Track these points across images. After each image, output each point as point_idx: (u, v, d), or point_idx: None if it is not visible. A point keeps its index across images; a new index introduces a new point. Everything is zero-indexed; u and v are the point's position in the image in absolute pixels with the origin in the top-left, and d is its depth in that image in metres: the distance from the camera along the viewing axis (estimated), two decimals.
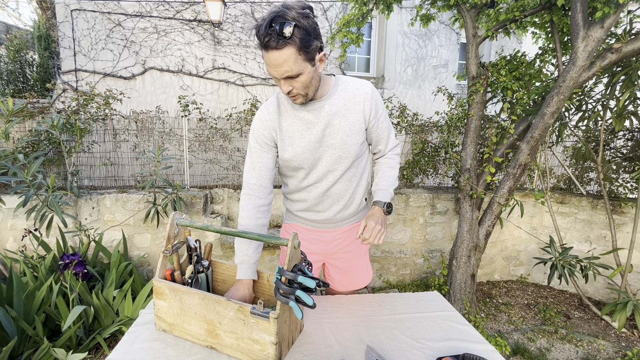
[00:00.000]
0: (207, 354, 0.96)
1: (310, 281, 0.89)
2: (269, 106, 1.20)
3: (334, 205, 1.26)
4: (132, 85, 4.89)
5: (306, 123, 1.17)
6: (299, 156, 1.17)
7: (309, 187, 1.24)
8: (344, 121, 1.16)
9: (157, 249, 3.17)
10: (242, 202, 1.21)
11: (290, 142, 1.18)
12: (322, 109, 1.15)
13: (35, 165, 2.46)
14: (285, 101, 1.19)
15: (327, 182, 1.22)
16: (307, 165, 1.20)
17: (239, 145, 3.78)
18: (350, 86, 1.18)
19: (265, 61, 0.99)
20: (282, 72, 0.98)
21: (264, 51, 0.97)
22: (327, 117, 1.15)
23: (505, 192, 2.70)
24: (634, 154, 3.31)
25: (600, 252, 3.21)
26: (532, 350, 2.56)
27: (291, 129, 1.17)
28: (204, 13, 4.87)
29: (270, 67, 0.99)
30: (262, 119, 1.19)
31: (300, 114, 1.17)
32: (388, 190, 1.25)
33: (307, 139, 1.17)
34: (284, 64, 0.96)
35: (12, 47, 6.43)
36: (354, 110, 1.17)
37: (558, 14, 2.65)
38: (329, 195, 1.24)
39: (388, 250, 3.55)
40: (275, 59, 0.96)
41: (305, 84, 1.03)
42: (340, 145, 1.17)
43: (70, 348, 2.08)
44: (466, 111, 3.15)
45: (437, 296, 1.37)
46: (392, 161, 1.32)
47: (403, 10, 5.53)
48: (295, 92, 1.04)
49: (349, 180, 1.24)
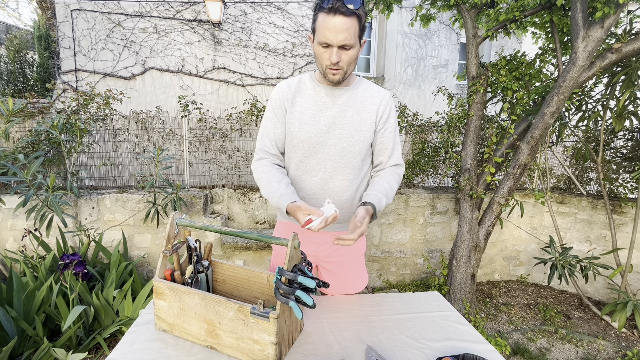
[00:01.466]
0: (207, 354, 0.96)
1: (310, 281, 0.89)
2: (290, 81, 1.23)
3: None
4: (132, 85, 4.89)
5: (320, 105, 1.19)
6: (305, 133, 1.18)
7: (309, 174, 1.22)
8: (356, 115, 1.19)
9: (157, 249, 3.17)
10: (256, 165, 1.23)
11: (300, 117, 1.19)
12: (340, 97, 1.19)
13: (35, 165, 2.46)
14: (308, 81, 1.22)
15: (326, 173, 1.20)
16: (308, 147, 1.19)
17: (239, 145, 3.78)
18: (372, 88, 1.23)
19: (323, 26, 1.01)
20: (342, 39, 1.01)
21: (328, 15, 0.99)
22: (342, 107, 1.18)
23: (505, 192, 2.70)
24: (634, 154, 3.31)
25: (600, 252, 3.21)
26: (532, 350, 2.56)
27: (305, 105, 1.19)
28: (204, 13, 4.87)
29: (330, 32, 1.00)
30: (281, 90, 1.22)
31: (318, 96, 1.19)
32: (381, 200, 1.15)
33: (317, 119, 1.18)
34: (346, 32, 1.00)
35: (12, 47, 6.43)
36: (369, 109, 1.20)
37: (558, 14, 2.65)
38: (326, 190, 1.22)
39: (388, 250, 3.55)
40: (340, 25, 0.99)
41: (351, 60, 1.08)
42: (347, 137, 1.18)
43: (70, 348, 2.08)
44: (466, 111, 3.15)
45: (437, 296, 1.37)
46: (391, 177, 1.24)
47: (403, 10, 5.53)
48: (342, 64, 1.07)
49: (349, 181, 1.22)
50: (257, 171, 1.23)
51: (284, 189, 1.12)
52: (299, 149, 1.21)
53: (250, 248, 3.19)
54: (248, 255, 3.22)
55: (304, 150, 1.20)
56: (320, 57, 1.09)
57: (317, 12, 1.04)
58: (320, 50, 1.07)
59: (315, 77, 1.22)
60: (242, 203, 3.67)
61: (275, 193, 1.12)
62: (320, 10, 1.02)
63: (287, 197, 1.09)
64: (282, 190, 1.12)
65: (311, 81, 1.22)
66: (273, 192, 1.13)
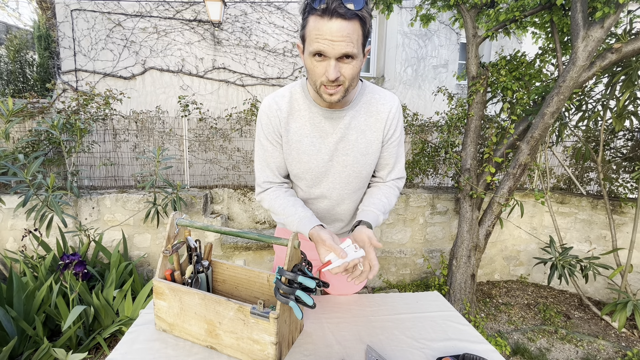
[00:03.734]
0: (207, 354, 0.96)
1: (310, 281, 0.89)
2: (279, 101, 1.01)
3: (336, 223, 1.20)
4: (132, 85, 4.89)
5: (320, 131, 1.01)
6: (304, 165, 1.05)
7: (314, 200, 1.15)
8: (361, 138, 1.03)
9: (157, 249, 3.17)
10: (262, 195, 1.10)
11: (297, 146, 1.03)
12: (341, 120, 1.00)
13: (35, 165, 2.46)
14: (300, 99, 1.01)
15: (332, 201, 1.12)
16: (310, 178, 1.07)
17: (239, 145, 3.79)
18: (376, 99, 1.03)
19: (316, 33, 0.79)
20: (342, 48, 0.79)
21: (322, 19, 0.78)
22: (344, 130, 1.01)
23: (505, 192, 2.70)
24: (634, 154, 3.31)
25: (600, 252, 3.21)
26: (532, 350, 2.56)
27: (301, 132, 1.02)
28: (204, 13, 4.87)
29: (326, 39, 0.78)
30: (270, 114, 1.02)
31: (315, 119, 1.01)
32: (379, 218, 1.06)
33: (317, 148, 1.02)
34: (347, 39, 0.78)
35: (12, 47, 6.43)
36: (375, 128, 1.03)
37: (558, 14, 2.65)
38: (333, 214, 1.17)
39: (388, 250, 3.55)
40: (339, 30, 0.77)
41: (353, 74, 0.85)
42: (352, 163, 1.05)
43: (70, 348, 2.08)
44: (466, 111, 3.15)
45: (437, 296, 1.37)
46: (390, 192, 1.13)
47: (403, 10, 5.53)
48: (342, 80, 0.85)
49: (355, 202, 1.15)
50: (265, 200, 1.10)
51: (301, 212, 1.00)
52: (300, 180, 1.10)
53: (250, 248, 3.19)
54: (248, 255, 3.22)
55: (306, 181, 1.09)
56: (313, 72, 0.85)
57: (307, 15, 0.81)
58: (313, 63, 0.84)
59: (309, 92, 1.00)
60: (242, 203, 3.67)
61: (293, 218, 1.00)
62: (311, 12, 0.79)
63: (307, 221, 0.97)
64: (301, 214, 1.00)
65: (304, 99, 1.01)
66: (291, 217, 1.01)
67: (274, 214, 1.09)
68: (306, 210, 1.02)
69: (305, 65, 0.88)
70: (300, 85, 1.03)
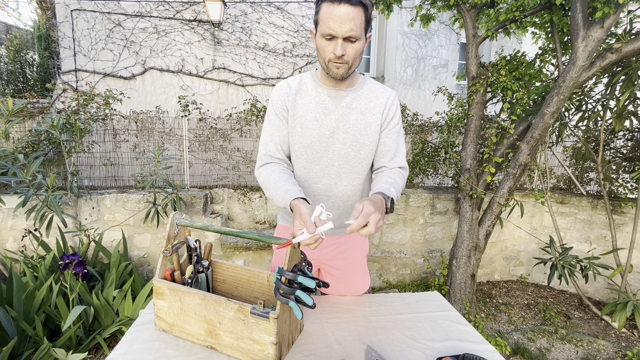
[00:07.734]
0: (207, 354, 0.96)
1: (310, 281, 0.89)
2: (290, 82, 1.17)
3: (333, 210, 1.20)
4: (132, 85, 4.89)
5: (323, 108, 1.13)
6: (307, 138, 1.13)
7: (312, 180, 1.18)
8: (360, 118, 1.13)
9: (157, 249, 3.17)
10: (260, 169, 1.15)
11: (302, 120, 1.13)
12: (343, 99, 1.13)
13: (35, 165, 2.46)
14: (309, 81, 1.16)
15: (330, 179, 1.16)
16: (311, 152, 1.14)
17: (239, 145, 3.78)
18: (376, 88, 1.17)
19: (327, 16, 0.96)
20: (347, 29, 0.96)
21: (333, 4, 0.95)
22: (345, 109, 1.13)
23: (505, 192, 2.70)
24: (634, 154, 3.30)
25: (600, 252, 3.21)
26: (532, 350, 2.56)
27: (306, 108, 1.14)
28: (204, 13, 4.86)
29: (334, 22, 0.96)
30: (281, 91, 1.15)
31: (320, 98, 1.13)
32: (390, 189, 1.04)
33: (319, 123, 1.13)
34: (352, 22, 0.95)
35: (12, 47, 6.43)
36: (374, 111, 1.15)
37: (558, 14, 2.65)
38: (331, 196, 1.19)
39: (388, 250, 3.55)
40: (346, 14, 0.95)
41: (357, 54, 1.02)
42: (351, 141, 1.13)
43: (70, 348, 2.08)
44: (466, 111, 3.15)
45: (437, 296, 1.37)
46: (395, 174, 1.15)
47: (403, 10, 5.53)
48: (347, 57, 1.01)
49: (354, 186, 1.18)
50: (262, 175, 1.14)
51: (290, 186, 1.03)
52: (301, 155, 1.16)
53: (250, 248, 3.19)
54: (248, 255, 3.22)
55: (307, 156, 1.15)
56: (323, 51, 1.03)
57: (320, 3, 0.99)
58: (323, 43, 1.01)
59: (317, 77, 1.16)
60: (242, 203, 3.67)
61: (281, 190, 1.04)
62: (323, 0, 0.98)
63: (293, 194, 1.00)
64: (289, 187, 1.03)
65: (312, 81, 1.15)
66: (279, 190, 1.04)
67: (266, 189, 1.13)
68: (295, 186, 1.05)
69: (317, 46, 1.05)
70: (309, 73, 1.18)
